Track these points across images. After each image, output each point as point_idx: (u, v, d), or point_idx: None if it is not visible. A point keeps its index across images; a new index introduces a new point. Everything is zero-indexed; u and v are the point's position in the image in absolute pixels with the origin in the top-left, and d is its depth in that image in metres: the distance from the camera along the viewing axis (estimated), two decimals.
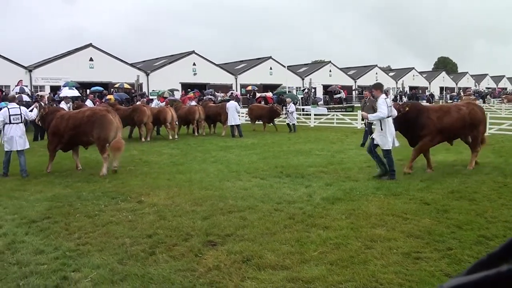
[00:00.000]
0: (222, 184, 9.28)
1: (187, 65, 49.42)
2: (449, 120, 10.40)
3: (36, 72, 40.47)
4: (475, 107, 10.96)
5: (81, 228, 6.41)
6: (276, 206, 7.34)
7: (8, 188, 9.56)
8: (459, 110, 10.63)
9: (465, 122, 10.54)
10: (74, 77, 37.87)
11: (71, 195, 8.57)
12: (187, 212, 7.10)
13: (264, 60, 56.86)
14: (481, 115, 10.89)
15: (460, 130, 10.63)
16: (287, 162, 12.01)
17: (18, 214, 7.29)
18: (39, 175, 11.04)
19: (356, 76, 66.04)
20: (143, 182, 9.69)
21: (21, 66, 39.95)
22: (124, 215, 7.01)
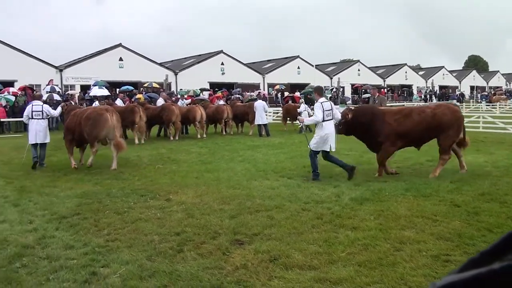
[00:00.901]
0: (249, 183, 9.29)
1: (215, 65, 49.71)
2: (409, 124, 9.81)
3: (66, 71, 41.34)
4: (444, 110, 9.97)
5: (111, 225, 6.51)
6: (303, 205, 7.31)
7: (38, 184, 9.79)
8: (421, 113, 9.99)
9: (428, 125, 9.76)
10: (104, 76, 38.51)
11: (100, 192, 8.72)
12: (215, 210, 7.13)
13: (292, 59, 56.71)
14: (451, 118, 9.80)
15: (424, 134, 9.87)
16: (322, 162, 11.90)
17: (48, 210, 7.46)
18: (69, 172, 11.27)
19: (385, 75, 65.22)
20: (171, 180, 9.78)
21: (52, 66, 40.87)
22: (153, 213, 7.09)
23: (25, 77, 35.81)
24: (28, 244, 5.77)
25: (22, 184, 9.84)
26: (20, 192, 9.00)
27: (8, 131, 27.13)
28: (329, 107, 9.71)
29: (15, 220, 6.97)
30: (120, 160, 12.93)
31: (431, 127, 9.78)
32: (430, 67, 76.54)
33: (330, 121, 9.66)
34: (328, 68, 62.74)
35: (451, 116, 9.83)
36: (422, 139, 10.09)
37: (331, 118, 9.69)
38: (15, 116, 27.92)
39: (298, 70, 55.27)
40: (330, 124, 9.64)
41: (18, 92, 30.60)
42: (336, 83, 50.07)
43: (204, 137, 19.81)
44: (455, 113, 9.94)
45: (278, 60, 59.45)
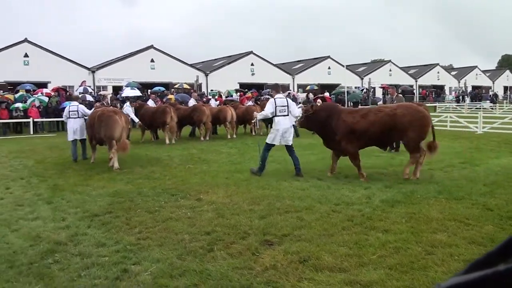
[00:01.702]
0: (279, 183, 9.29)
1: (245, 65, 49.90)
2: (365, 123, 9.67)
3: (99, 73, 42.18)
4: (404, 110, 9.70)
5: (142, 223, 6.61)
6: (334, 207, 7.26)
7: (71, 183, 10.01)
8: (378, 113, 9.80)
9: (386, 125, 9.59)
10: (136, 77, 39.17)
11: (132, 191, 8.86)
12: (245, 210, 7.16)
13: (322, 60, 56.41)
14: (410, 118, 9.53)
15: (383, 134, 9.69)
16: (346, 163, 11.79)
17: (80, 208, 7.62)
18: (102, 171, 11.48)
19: (417, 76, 64.19)
20: (202, 180, 9.87)
21: (84, 68, 41.76)
22: (184, 212, 7.17)
23: (58, 79, 36.74)
24: (60, 240, 5.91)
25: (55, 183, 10.09)
26: (53, 190, 9.23)
27: (42, 131, 27.84)
28: (284, 103, 10.22)
29: (48, 217, 7.15)
30: (151, 160, 13.13)
31: (390, 127, 9.62)
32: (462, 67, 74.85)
33: (285, 116, 10.16)
34: (359, 69, 62.17)
35: (410, 116, 9.59)
36: (382, 139, 9.94)
37: (286, 114, 10.17)
38: (48, 116, 28.69)
39: (328, 71, 54.94)
40: (285, 119, 10.14)
41: (51, 93, 31.37)
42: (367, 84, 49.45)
43: (234, 138, 19.90)
44: (416, 114, 9.66)
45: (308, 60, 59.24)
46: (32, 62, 38.54)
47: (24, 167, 12.73)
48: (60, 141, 20.31)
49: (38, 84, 35.21)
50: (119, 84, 40.14)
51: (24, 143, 20.08)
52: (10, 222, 6.93)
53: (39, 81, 36.40)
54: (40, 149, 17.08)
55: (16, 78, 36.40)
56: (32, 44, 39.39)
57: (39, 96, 29.44)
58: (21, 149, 17.37)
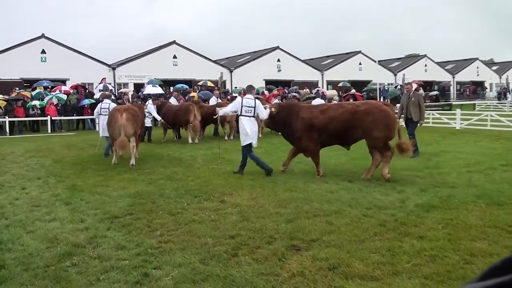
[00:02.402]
0: (307, 186, 9.27)
1: (271, 61, 49.91)
2: (324, 121, 10.00)
3: (119, 70, 42.72)
4: (368, 108, 9.87)
5: (163, 226, 6.68)
6: (365, 211, 7.20)
7: (90, 183, 10.16)
8: (338, 109, 10.11)
9: (347, 123, 9.86)
10: (158, 74, 39.51)
11: (154, 192, 8.96)
12: (271, 214, 7.16)
13: (353, 55, 56.03)
14: (374, 117, 9.71)
15: (344, 132, 9.98)
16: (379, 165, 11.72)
17: (100, 209, 7.73)
18: (122, 171, 11.64)
19: (455, 71, 63.11)
20: (226, 181, 9.92)
21: (104, 64, 42.38)
22: (207, 214, 7.22)
23: (77, 76, 37.40)
24: (78, 243, 6.00)
25: (73, 183, 10.26)
26: (71, 191, 9.38)
27: (60, 129, 28.29)
28: (251, 104, 10.64)
29: (65, 218, 7.26)
30: (174, 160, 13.25)
31: (352, 125, 9.87)
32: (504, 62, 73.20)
33: (251, 117, 10.64)
34: (392, 64, 61.53)
35: (374, 115, 9.76)
36: (344, 137, 10.14)
37: (251, 115, 10.65)
38: (66, 114, 29.17)
39: (359, 66, 54.54)
40: (250, 120, 10.61)
41: (70, 91, 31.94)
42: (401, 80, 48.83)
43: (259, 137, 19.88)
44: (379, 113, 9.79)
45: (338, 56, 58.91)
46: (50, 59, 39.27)
47: (41, 166, 13.00)
48: (78, 140, 20.68)
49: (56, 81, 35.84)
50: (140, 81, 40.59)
51: (41, 142, 20.50)
52: (25, 223, 7.05)
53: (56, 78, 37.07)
54: (58, 148, 17.41)
55: (33, 75, 37.14)
56: (49, 40, 40.12)
57: (57, 94, 30.00)
58: (38, 148, 17.74)
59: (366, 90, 42.59)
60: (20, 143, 19.90)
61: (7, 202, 8.56)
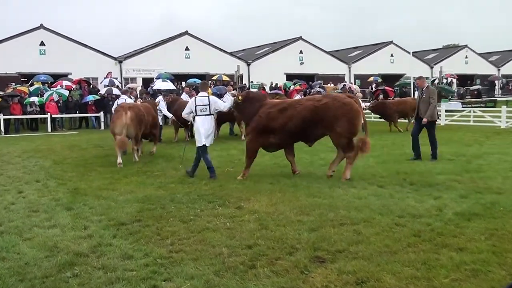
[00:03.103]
0: (332, 191, 9.24)
1: (293, 53, 49.90)
2: (282, 118, 10.32)
3: (126, 63, 43.04)
4: (329, 102, 10.16)
5: (175, 234, 6.71)
6: (397, 220, 7.15)
7: (95, 187, 10.26)
8: (298, 106, 10.39)
9: (307, 119, 10.17)
10: (168, 68, 39.66)
11: (164, 197, 9.02)
12: (292, 221, 7.16)
13: (383, 46, 55.75)
14: (336, 112, 10.01)
15: (305, 129, 10.33)
16: (411, 167, 11.65)
17: (105, 215, 7.79)
18: (130, 174, 11.75)
19: (500, 63, 62.28)
20: (243, 185, 9.94)
21: (110, 57, 42.74)
22: (222, 222, 7.24)
23: (80, 70, 37.64)
24: (81, 252, 6.04)
25: (76, 186, 10.37)
26: (73, 195, 9.49)
27: (61, 128, 28.67)
28: (205, 102, 11.06)
29: (67, 225, 7.32)
30: (186, 162, 13.28)
31: (313, 121, 10.19)
32: None
33: (206, 116, 11.03)
34: (428, 56, 61.03)
35: (336, 110, 10.01)
36: (305, 134, 10.51)
37: (207, 114, 11.02)
38: (68, 112, 29.41)
39: (391, 59, 54.21)
40: (205, 119, 11.01)
41: (72, 86, 32.21)
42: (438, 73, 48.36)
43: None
44: (342, 107, 10.03)
45: (367, 47, 58.64)
46: (49, 51, 39.76)
47: (40, 168, 13.17)
48: (82, 140, 20.90)
49: (56, 76, 36.19)
50: (150, 75, 40.83)
51: (40, 141, 20.79)
52: (22, 229, 7.12)
53: (57, 73, 37.43)
54: (59, 149, 17.64)
55: (31, 69, 37.59)
56: (49, 31, 40.65)
57: (58, 89, 30.29)
58: (37, 148, 18.00)
59: (399, 85, 42.33)
60: (17, 143, 20.19)
61: (2, 207, 8.64)
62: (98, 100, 29.97)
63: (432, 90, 13.48)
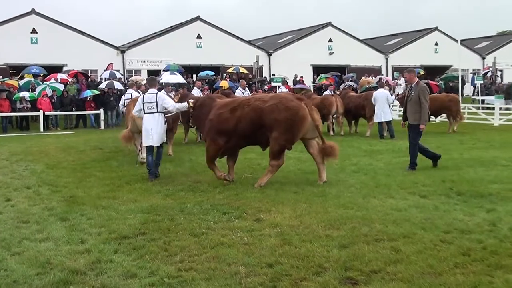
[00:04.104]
0: (366, 201, 9.21)
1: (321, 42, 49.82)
2: (232, 119, 10.77)
3: (129, 53, 43.21)
4: (273, 104, 10.46)
5: (184, 249, 6.73)
6: (442, 236, 7.10)
7: (93, 194, 10.31)
8: (246, 106, 10.78)
9: (252, 121, 10.59)
10: (177, 59, 39.78)
11: (172, 207, 9.05)
12: (320, 236, 7.14)
13: (426, 33, 55.48)
14: (278, 116, 10.30)
15: (251, 132, 10.72)
16: (459, 175, 11.54)
17: (105, 228, 7.84)
18: (133, 180, 11.80)
19: None
20: (262, 194, 9.95)
21: (111, 46, 43.01)
22: (239, 236, 7.24)
23: (77, 61, 38.06)
24: (78, 269, 6.07)
25: (72, 194, 10.44)
26: (69, 204, 9.54)
27: (55, 127, 28.81)
28: (152, 100, 11.80)
29: (61, 238, 7.36)
30: (197, 167, 13.34)
31: (258, 125, 10.59)
32: None
33: (153, 114, 11.77)
34: (479, 44, 60.47)
35: (278, 114, 10.30)
36: (254, 138, 10.93)
37: (154, 111, 11.77)
38: (63, 109, 29.44)
39: (435, 48, 53.86)
40: (152, 117, 11.77)
41: (68, 79, 32.31)
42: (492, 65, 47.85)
43: None
44: (286, 111, 10.31)
45: (408, 34, 58.36)
46: (42, 40, 40.16)
47: (31, 173, 13.28)
48: (79, 141, 21.05)
49: (50, 67, 36.49)
50: (156, 67, 41.11)
51: (31, 142, 20.92)
52: (10, 243, 7.17)
53: (51, 64, 37.83)
54: (53, 151, 17.78)
55: (21, 60, 38.03)
56: (41, 16, 41.08)
57: (51, 83, 30.38)
58: (27, 150, 18.15)
59: (444, 79, 41.98)
60: (5, 144, 20.32)
61: None
62: (98, 96, 29.89)
63: (422, 88, 12.68)
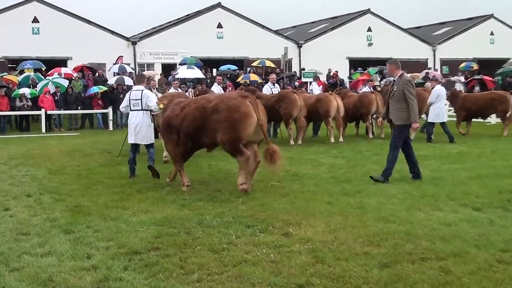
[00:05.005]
0: (410, 214, 9.13)
1: (358, 31, 49.70)
2: (180, 119, 11.48)
3: (141, 45, 43.33)
4: (219, 102, 10.98)
5: (203, 267, 6.71)
6: (499, 255, 7.00)
7: (101, 204, 10.36)
8: (192, 104, 11.49)
9: (196, 122, 11.20)
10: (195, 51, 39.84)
11: (189, 219, 9.05)
12: (357, 254, 7.09)
13: (480, 21, 54.98)
14: (220, 115, 10.79)
15: (195, 134, 11.39)
16: None
17: (114, 241, 7.86)
18: (145, 188, 11.82)
19: None
20: (291, 205, 9.93)
21: (121, 37, 43.19)
22: (264, 253, 7.21)
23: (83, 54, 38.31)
24: (83, 287, 6.13)
25: (77, 203, 10.48)
26: (74, 214, 9.58)
27: (58, 127, 29.10)
28: (137, 97, 12.88)
29: (65, 252, 7.39)
30: (217, 173, 13.34)
31: (202, 126, 11.17)
32: None
33: (138, 111, 12.87)
34: None
35: (220, 113, 10.81)
36: (199, 140, 11.54)
37: (139, 109, 12.87)
38: (68, 107, 29.57)
39: (491, 38, 53.39)
40: (137, 114, 12.86)
41: (73, 74, 32.54)
42: None
43: (340, 142, 19.76)
44: (228, 109, 10.78)
45: (458, 22, 57.88)
46: (44, 30, 40.54)
47: (31, 179, 13.40)
48: (85, 143, 21.23)
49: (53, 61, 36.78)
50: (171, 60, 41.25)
51: (32, 145, 21.19)
52: (8, 257, 7.21)
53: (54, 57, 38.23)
54: (56, 154, 17.96)
55: (21, 53, 38.43)
56: (44, 3, 41.46)
57: (54, 79, 30.57)
58: (28, 153, 18.35)
59: (501, 74, 41.50)
60: (2, 147, 20.60)
61: None
62: (106, 93, 30.07)
63: (406, 81, 11.87)
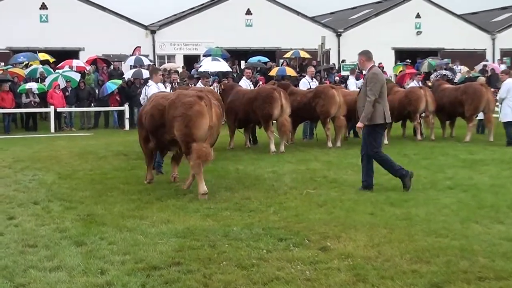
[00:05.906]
0: (466, 227, 9.05)
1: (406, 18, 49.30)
2: (145, 112, 12.49)
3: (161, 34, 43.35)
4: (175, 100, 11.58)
5: (229, 285, 6.72)
6: None
7: (116, 212, 10.38)
8: (151, 102, 12.50)
9: (155, 120, 12.09)
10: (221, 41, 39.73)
11: (214, 230, 9.04)
12: (404, 272, 7.05)
13: None
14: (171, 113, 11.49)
15: (156, 131, 12.25)
16: None
17: (131, 255, 7.87)
18: (165, 195, 11.84)
19: None
20: (329, 215, 9.91)
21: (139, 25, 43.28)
22: (299, 270, 7.20)
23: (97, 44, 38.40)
24: None
25: (89, 211, 10.53)
26: (86, 224, 9.62)
27: (69, 126, 29.22)
28: None
29: (76, 267, 7.41)
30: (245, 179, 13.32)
31: (159, 122, 12.02)
32: None
33: None
34: None
35: (174, 111, 11.49)
36: (161, 138, 12.31)
37: None
38: (80, 104, 29.54)
39: None
40: None
41: (85, 67, 32.75)
42: None
43: (385, 143, 19.64)
44: (181, 106, 11.40)
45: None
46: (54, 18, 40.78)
47: (39, 184, 13.46)
48: (98, 145, 21.36)
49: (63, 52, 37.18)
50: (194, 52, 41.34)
51: (40, 146, 21.36)
52: (13, 271, 7.25)
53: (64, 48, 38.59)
54: (66, 157, 18.09)
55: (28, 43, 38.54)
56: None
57: (65, 72, 30.67)
58: (35, 155, 18.49)
59: None
60: (7, 148, 20.76)
61: None
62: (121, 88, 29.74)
63: (371, 75, 11.81)
